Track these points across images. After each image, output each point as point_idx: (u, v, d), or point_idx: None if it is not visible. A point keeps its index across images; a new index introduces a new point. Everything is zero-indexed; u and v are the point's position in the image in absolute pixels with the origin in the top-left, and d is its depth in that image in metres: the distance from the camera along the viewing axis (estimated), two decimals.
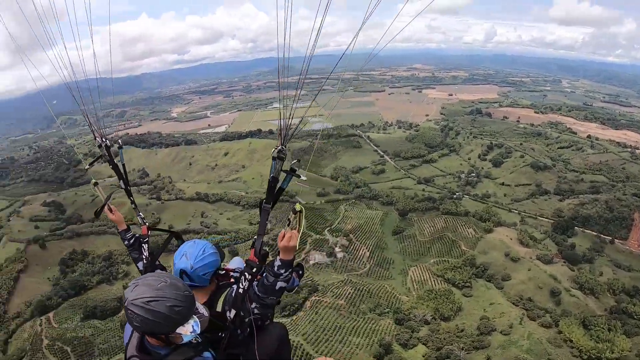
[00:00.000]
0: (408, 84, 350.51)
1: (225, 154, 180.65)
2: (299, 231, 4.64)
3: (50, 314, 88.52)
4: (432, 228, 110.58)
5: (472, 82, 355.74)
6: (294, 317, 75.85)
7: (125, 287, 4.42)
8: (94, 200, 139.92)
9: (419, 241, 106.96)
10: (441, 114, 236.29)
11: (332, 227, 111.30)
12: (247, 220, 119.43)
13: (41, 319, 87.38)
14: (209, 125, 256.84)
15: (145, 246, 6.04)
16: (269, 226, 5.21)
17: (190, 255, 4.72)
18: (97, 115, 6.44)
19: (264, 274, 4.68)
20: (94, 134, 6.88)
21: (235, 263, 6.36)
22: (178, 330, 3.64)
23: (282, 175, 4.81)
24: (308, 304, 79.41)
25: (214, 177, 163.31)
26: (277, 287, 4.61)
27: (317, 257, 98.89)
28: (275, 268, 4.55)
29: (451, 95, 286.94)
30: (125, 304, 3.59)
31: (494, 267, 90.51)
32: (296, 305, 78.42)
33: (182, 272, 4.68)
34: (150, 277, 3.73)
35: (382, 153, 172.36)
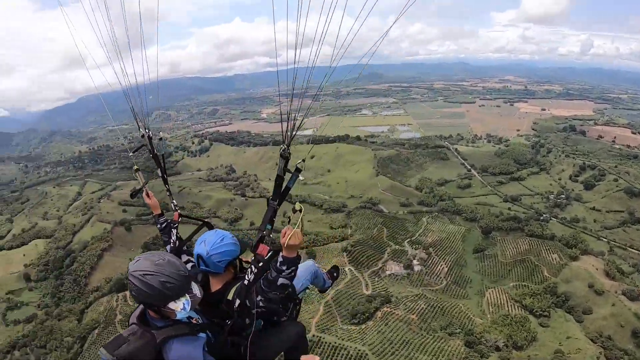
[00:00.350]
0: (499, 96, 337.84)
1: (312, 157, 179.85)
2: (301, 230, 4.61)
3: (127, 292, 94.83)
4: (514, 250, 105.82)
5: (567, 96, 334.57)
6: (363, 326, 75.44)
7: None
8: (181, 191, 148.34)
9: (500, 262, 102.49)
10: (533, 129, 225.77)
11: (412, 239, 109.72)
12: (328, 224, 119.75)
13: (118, 296, 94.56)
14: None
15: (174, 231, 6.45)
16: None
17: (208, 242, 4.94)
18: (143, 108, 6.67)
19: (270, 269, 4.70)
20: (137, 125, 7.19)
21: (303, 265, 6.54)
22: (170, 306, 3.99)
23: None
24: (379, 314, 78.38)
25: (299, 179, 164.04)
26: (278, 283, 4.57)
27: (394, 267, 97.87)
28: (278, 264, 4.52)
29: (544, 109, 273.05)
30: (127, 275, 4.02)
31: (576, 298, 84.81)
32: (367, 315, 77.77)
33: (199, 257, 4.93)
34: (153, 254, 4.12)
35: (469, 167, 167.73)
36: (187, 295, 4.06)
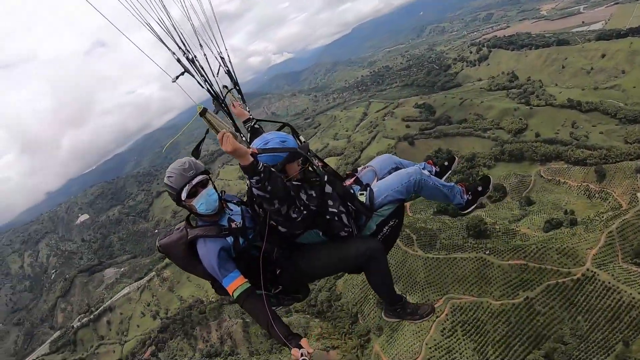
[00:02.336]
0: None
1: (602, 56, 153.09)
2: (221, 129, 4.44)
3: (407, 204, 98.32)
4: None
5: None
6: None
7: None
8: (462, 103, 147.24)
9: None
10: None
11: None
12: (623, 137, 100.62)
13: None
14: (582, 22, 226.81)
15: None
16: None
17: (254, 144, 4.74)
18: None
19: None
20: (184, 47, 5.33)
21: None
22: (182, 196, 4.41)
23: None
24: None
25: (588, 83, 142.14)
26: (255, 193, 4.27)
27: None
28: None
29: None
30: None
31: None
32: None
33: None
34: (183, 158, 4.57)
35: None
36: (188, 185, 4.38)
